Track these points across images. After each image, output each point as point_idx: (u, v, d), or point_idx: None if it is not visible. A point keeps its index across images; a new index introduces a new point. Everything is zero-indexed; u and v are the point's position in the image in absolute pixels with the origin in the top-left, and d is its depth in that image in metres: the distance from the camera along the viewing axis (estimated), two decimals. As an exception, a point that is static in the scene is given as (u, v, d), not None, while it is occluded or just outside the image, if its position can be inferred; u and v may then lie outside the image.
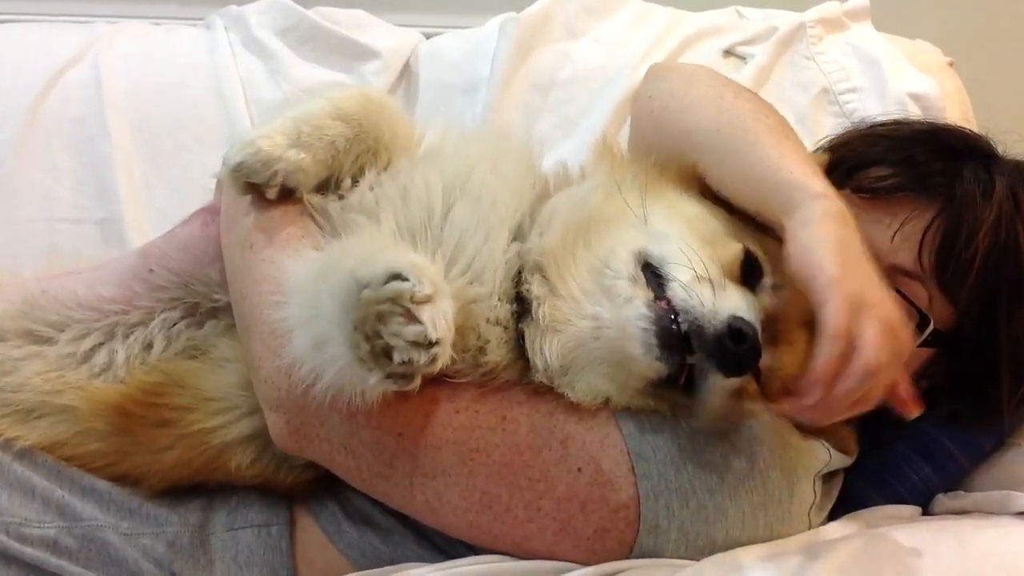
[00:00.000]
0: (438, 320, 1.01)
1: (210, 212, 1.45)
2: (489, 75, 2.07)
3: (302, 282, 1.13)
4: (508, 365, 1.20)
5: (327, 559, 1.30)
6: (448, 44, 2.18)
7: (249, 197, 1.27)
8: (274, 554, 1.30)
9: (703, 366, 1.12)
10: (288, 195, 1.26)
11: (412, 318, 1.00)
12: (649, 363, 1.13)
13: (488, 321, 1.19)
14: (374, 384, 1.04)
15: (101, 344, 1.38)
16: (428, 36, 2.23)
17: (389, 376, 1.03)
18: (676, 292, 1.13)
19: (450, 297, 1.06)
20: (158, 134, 2.01)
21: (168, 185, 2.00)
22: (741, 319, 1.11)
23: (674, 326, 1.11)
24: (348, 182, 1.28)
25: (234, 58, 2.11)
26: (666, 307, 1.13)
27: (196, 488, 1.33)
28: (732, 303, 1.13)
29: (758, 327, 1.12)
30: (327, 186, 1.28)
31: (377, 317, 1.01)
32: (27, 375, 1.36)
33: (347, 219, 1.25)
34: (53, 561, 1.26)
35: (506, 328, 1.20)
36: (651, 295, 1.14)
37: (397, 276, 1.01)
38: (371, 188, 1.27)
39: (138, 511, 1.31)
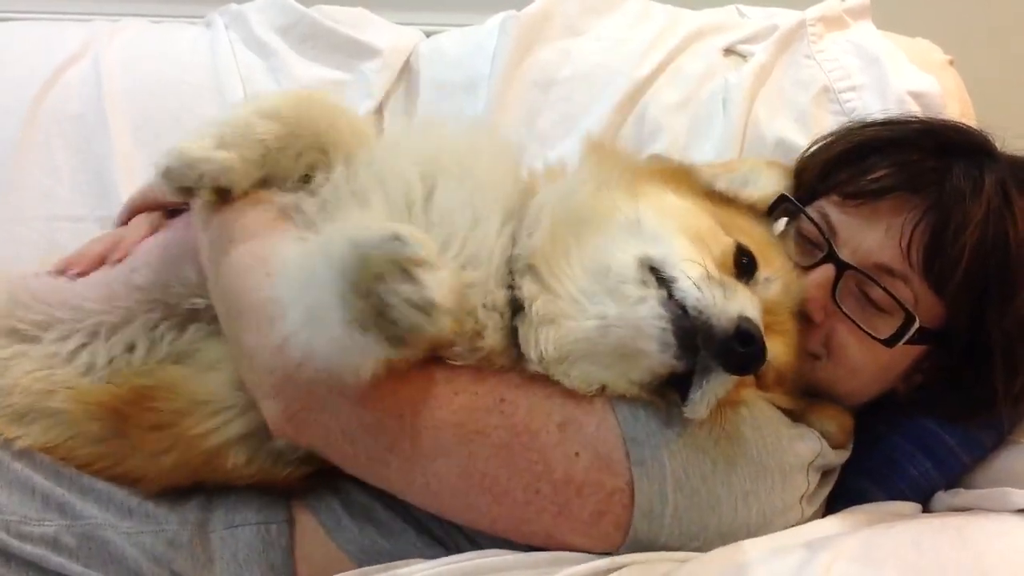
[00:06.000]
0: (437, 284, 1.00)
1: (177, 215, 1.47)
2: (489, 73, 2.07)
3: (293, 259, 1.13)
4: (504, 351, 1.21)
5: (326, 556, 1.30)
6: (448, 42, 2.18)
7: (214, 198, 1.28)
8: (274, 552, 1.30)
9: (706, 364, 1.12)
10: (227, 196, 1.27)
11: (411, 279, 1.00)
12: (664, 360, 1.13)
13: (485, 307, 1.19)
14: (371, 348, 1.03)
15: (84, 345, 1.38)
16: (428, 34, 2.23)
17: (387, 339, 1.02)
18: (688, 291, 1.13)
19: (449, 273, 1.05)
20: (158, 132, 2.01)
21: (168, 183, 2.00)
22: (748, 320, 1.11)
23: (688, 324, 1.11)
24: (321, 178, 1.29)
25: (234, 56, 2.11)
26: (680, 306, 1.12)
27: (195, 487, 1.33)
28: (739, 303, 1.13)
29: (761, 326, 1.12)
30: (280, 184, 1.30)
31: (375, 277, 1.00)
32: (16, 375, 1.36)
33: (329, 209, 1.25)
34: (53, 559, 1.26)
35: (502, 315, 1.21)
36: (664, 294, 1.14)
37: (396, 238, 1.00)
38: (345, 181, 1.28)
39: (138, 510, 1.31)
